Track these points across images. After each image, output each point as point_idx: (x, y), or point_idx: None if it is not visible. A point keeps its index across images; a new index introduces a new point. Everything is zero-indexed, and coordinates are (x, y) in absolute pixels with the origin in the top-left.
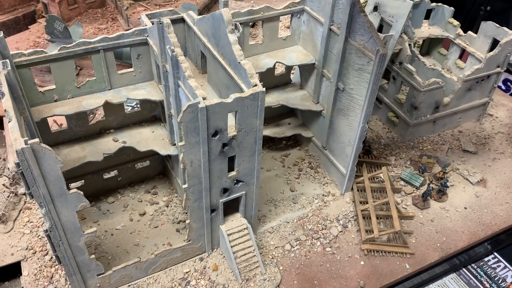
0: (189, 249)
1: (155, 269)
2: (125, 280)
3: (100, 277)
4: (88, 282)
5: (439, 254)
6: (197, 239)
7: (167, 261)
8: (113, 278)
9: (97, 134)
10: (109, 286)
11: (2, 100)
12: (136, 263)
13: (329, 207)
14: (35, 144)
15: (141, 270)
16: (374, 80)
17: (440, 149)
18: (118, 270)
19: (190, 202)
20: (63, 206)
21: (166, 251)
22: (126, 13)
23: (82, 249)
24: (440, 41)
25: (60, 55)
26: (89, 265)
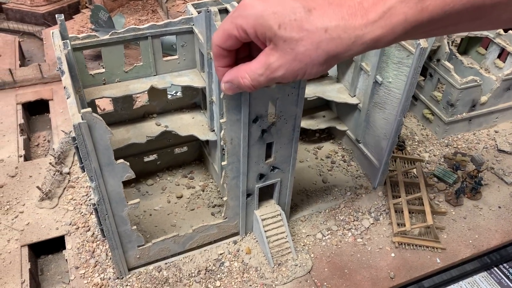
0: (225, 227)
1: (192, 244)
2: (163, 253)
3: (140, 249)
4: (128, 253)
5: (471, 251)
6: (233, 217)
7: (203, 237)
8: (152, 250)
9: (141, 118)
10: (148, 258)
11: (62, 77)
12: (174, 236)
13: (361, 199)
14: (88, 114)
15: (178, 244)
16: (413, 73)
17: (475, 148)
18: (157, 243)
19: (228, 179)
20: (110, 176)
21: (203, 226)
22: (166, 6)
23: (125, 220)
24: (478, 40)
25: (111, 40)
26: (131, 236)
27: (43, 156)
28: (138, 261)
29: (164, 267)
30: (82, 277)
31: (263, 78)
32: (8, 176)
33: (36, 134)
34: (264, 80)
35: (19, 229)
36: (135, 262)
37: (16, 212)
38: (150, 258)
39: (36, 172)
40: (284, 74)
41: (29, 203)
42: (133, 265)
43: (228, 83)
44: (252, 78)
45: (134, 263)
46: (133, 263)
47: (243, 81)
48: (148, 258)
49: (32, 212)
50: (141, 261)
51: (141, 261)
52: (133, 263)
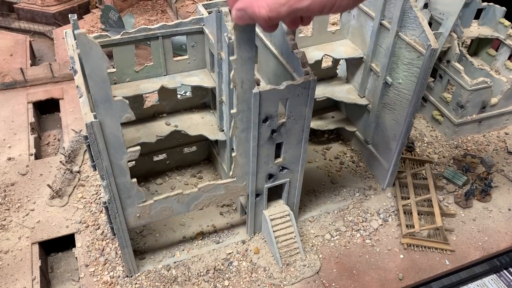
0: (232, 188)
1: (197, 205)
2: (165, 213)
3: (140, 206)
4: (127, 210)
5: (481, 253)
6: (242, 177)
7: (210, 198)
8: (154, 209)
9: (151, 117)
10: (149, 217)
11: (75, 77)
12: (178, 195)
13: (370, 200)
14: (82, 35)
15: (182, 204)
16: (423, 74)
17: (484, 150)
18: (160, 201)
19: (238, 131)
20: (108, 115)
21: (209, 185)
22: (175, 6)
23: (123, 170)
24: (489, 42)
25: (123, 39)
26: (130, 190)
27: (53, 155)
28: (138, 220)
29: (173, 266)
30: (92, 275)
31: (284, 8)
32: (19, 174)
33: (47, 132)
34: (286, 11)
35: (30, 227)
36: (135, 221)
37: (27, 210)
38: (152, 218)
39: (46, 171)
40: (310, 4)
41: (40, 201)
42: (132, 225)
43: (241, 11)
44: (271, 7)
45: (133, 222)
46: (132, 222)
47: (258, 11)
48: (149, 218)
49: (43, 210)
50: (141, 221)
51: (141, 221)
52: (133, 223)
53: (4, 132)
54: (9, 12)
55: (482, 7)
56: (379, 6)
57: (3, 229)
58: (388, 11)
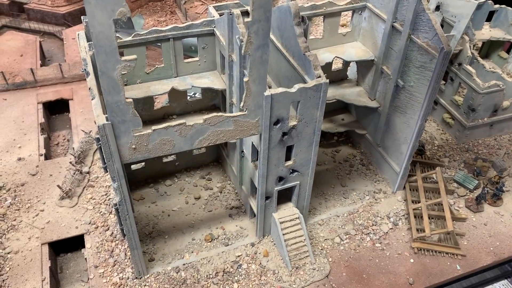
0: (243, 123)
1: (202, 141)
2: (165, 147)
3: (137, 135)
4: (122, 140)
5: (492, 258)
6: (254, 112)
7: (217, 134)
8: (152, 141)
9: (161, 118)
10: (147, 151)
11: (87, 79)
12: (181, 125)
13: (380, 204)
14: None
15: (185, 138)
16: (436, 78)
17: (496, 154)
18: (159, 131)
19: (252, 47)
20: (98, 8)
21: (217, 117)
22: (184, 7)
23: (117, 85)
24: (500, 44)
25: (134, 41)
26: (124, 112)
27: (63, 155)
28: (134, 154)
29: (182, 268)
30: (101, 276)
31: None
32: (29, 175)
33: (56, 133)
34: None
35: (39, 227)
36: (130, 154)
37: (37, 210)
38: (150, 152)
39: (56, 171)
40: None
41: (50, 202)
42: (127, 159)
43: None
44: None
45: (128, 156)
46: (127, 156)
47: None
48: (146, 152)
49: (53, 210)
50: (138, 154)
51: (138, 155)
52: (128, 156)
53: (14, 132)
54: (19, 13)
55: (494, 10)
56: (391, 9)
57: (14, 229)
58: (400, 13)
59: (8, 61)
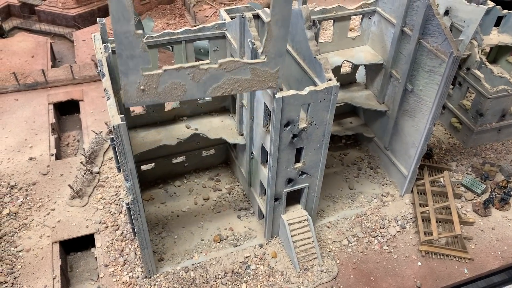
0: (261, 73)
1: (216, 90)
2: (176, 92)
3: (146, 74)
4: (129, 78)
5: (500, 263)
6: (274, 60)
7: (232, 83)
8: (163, 83)
9: (171, 120)
10: (156, 94)
11: (103, 79)
12: (194, 68)
13: (387, 207)
14: None
15: (198, 84)
16: (445, 82)
17: (504, 158)
18: (170, 72)
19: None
20: None
21: (233, 62)
22: (193, 10)
23: (126, 10)
24: (508, 49)
25: (146, 43)
26: (134, 45)
27: (73, 156)
28: (142, 97)
29: (191, 268)
30: (111, 275)
31: None
32: (41, 174)
33: (66, 133)
34: None
35: (50, 226)
36: (138, 96)
37: (48, 209)
38: (159, 96)
39: (67, 171)
40: None
41: (60, 201)
42: (134, 101)
43: None
44: None
45: (136, 98)
46: (134, 97)
47: None
48: (156, 96)
49: (63, 209)
50: (146, 97)
51: (146, 98)
52: (135, 98)
53: (25, 132)
54: (30, 14)
55: (502, 15)
56: (400, 13)
57: (25, 228)
58: (410, 18)
59: (19, 62)
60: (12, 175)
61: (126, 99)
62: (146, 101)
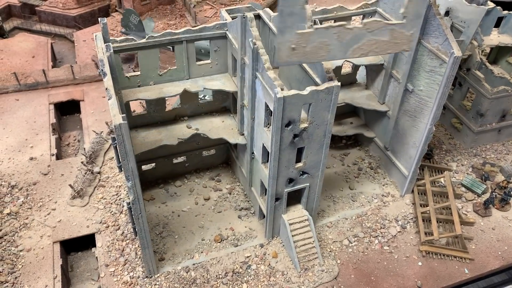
0: (398, 35)
1: (356, 50)
2: (320, 53)
3: (299, 33)
4: (284, 36)
5: (500, 263)
6: (411, 22)
7: (371, 44)
8: (311, 42)
9: (172, 120)
10: (303, 54)
11: (104, 79)
12: (341, 27)
13: (388, 207)
14: None
15: (341, 44)
16: (446, 82)
17: (504, 159)
18: (320, 31)
19: None
20: None
21: (376, 22)
22: (194, 11)
23: None
24: (509, 50)
25: (148, 43)
26: (295, 2)
27: (73, 156)
28: (291, 56)
29: (192, 267)
30: (112, 275)
31: None
32: (41, 174)
33: (67, 133)
34: None
35: (51, 226)
36: (287, 56)
37: (48, 209)
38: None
39: (67, 171)
40: None
41: (61, 201)
42: (283, 60)
43: None
44: None
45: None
46: (285, 57)
47: None
48: (303, 56)
49: (64, 209)
50: (294, 57)
51: (294, 58)
52: (285, 58)
53: (26, 132)
54: (30, 15)
55: (502, 15)
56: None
57: (26, 227)
58: None
59: (20, 62)
60: (12, 175)
61: (277, 58)
62: (294, 60)
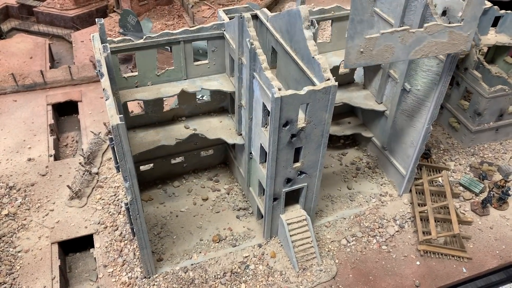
0: (456, 36)
1: (417, 52)
2: (385, 55)
3: (367, 37)
4: (354, 41)
5: (498, 262)
6: (469, 24)
7: (431, 46)
8: (378, 45)
9: (170, 120)
10: (370, 56)
11: (101, 80)
12: (404, 31)
13: (386, 206)
14: None
15: (404, 46)
16: (443, 81)
17: (501, 158)
18: (386, 35)
19: None
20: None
21: (436, 25)
22: (192, 11)
23: None
24: (506, 49)
25: (146, 44)
26: (365, 10)
27: (72, 156)
28: (359, 58)
29: (190, 268)
30: (110, 276)
31: None
32: (39, 175)
33: (65, 134)
34: None
35: (49, 227)
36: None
37: (46, 210)
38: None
39: (65, 172)
40: None
41: (59, 202)
42: (352, 62)
43: None
44: None
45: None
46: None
47: None
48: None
49: (62, 210)
50: (362, 60)
51: (361, 60)
52: (354, 60)
53: (24, 133)
54: (28, 16)
55: (500, 15)
56: (398, 13)
57: (24, 228)
58: (407, 18)
59: (18, 63)
60: (10, 176)
61: (347, 60)
62: (361, 63)
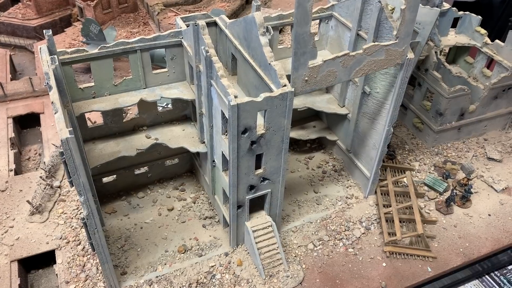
0: (392, 52)
1: (358, 72)
2: (329, 79)
3: (310, 67)
4: (298, 72)
5: (462, 259)
6: (403, 40)
7: (370, 64)
8: (321, 72)
9: (131, 130)
10: (314, 82)
11: (50, 92)
12: (344, 56)
13: (352, 209)
14: None
15: (346, 69)
16: (400, 84)
17: (464, 156)
18: (328, 62)
19: None
20: None
21: (374, 46)
22: (158, 18)
23: (307, 15)
24: (466, 50)
25: (100, 54)
26: (307, 43)
27: (34, 170)
28: (305, 86)
29: (155, 280)
30: None
31: None
32: None
33: (27, 147)
34: None
35: (8, 244)
36: (302, 87)
37: (6, 227)
38: (317, 83)
39: (26, 186)
40: None
41: (19, 218)
42: (299, 90)
43: None
44: None
45: (300, 88)
46: (300, 88)
47: None
48: (314, 84)
49: (22, 226)
50: (307, 87)
51: (307, 87)
52: (300, 88)
53: None
54: None
55: (458, 16)
56: (355, 17)
57: None
58: (364, 22)
59: None
60: None
61: (294, 88)
62: (307, 89)
